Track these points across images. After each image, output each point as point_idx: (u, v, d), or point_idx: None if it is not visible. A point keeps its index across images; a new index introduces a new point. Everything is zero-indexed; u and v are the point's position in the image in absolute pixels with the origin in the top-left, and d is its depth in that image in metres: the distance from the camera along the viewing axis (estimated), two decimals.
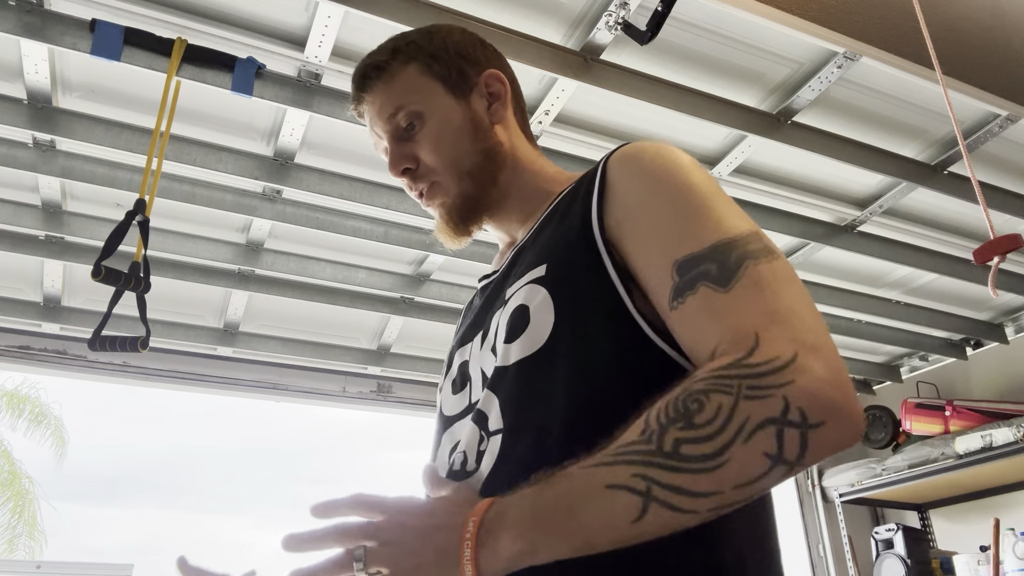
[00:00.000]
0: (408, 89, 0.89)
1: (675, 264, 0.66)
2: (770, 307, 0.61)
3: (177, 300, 2.38)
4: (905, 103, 1.90)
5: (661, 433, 0.57)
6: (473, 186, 0.88)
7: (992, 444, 2.58)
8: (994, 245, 1.43)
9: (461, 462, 0.76)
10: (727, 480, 0.55)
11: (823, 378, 0.56)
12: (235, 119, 1.79)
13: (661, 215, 0.70)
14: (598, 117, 1.86)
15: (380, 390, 2.81)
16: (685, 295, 0.65)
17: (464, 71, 0.91)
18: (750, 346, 0.59)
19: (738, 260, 0.64)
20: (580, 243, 0.74)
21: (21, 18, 1.45)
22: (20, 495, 11.30)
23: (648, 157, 0.75)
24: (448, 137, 0.88)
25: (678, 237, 0.68)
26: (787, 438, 0.55)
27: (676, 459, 0.56)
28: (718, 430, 0.55)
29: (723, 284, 0.63)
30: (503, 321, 0.77)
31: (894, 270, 2.52)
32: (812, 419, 0.55)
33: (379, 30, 1.58)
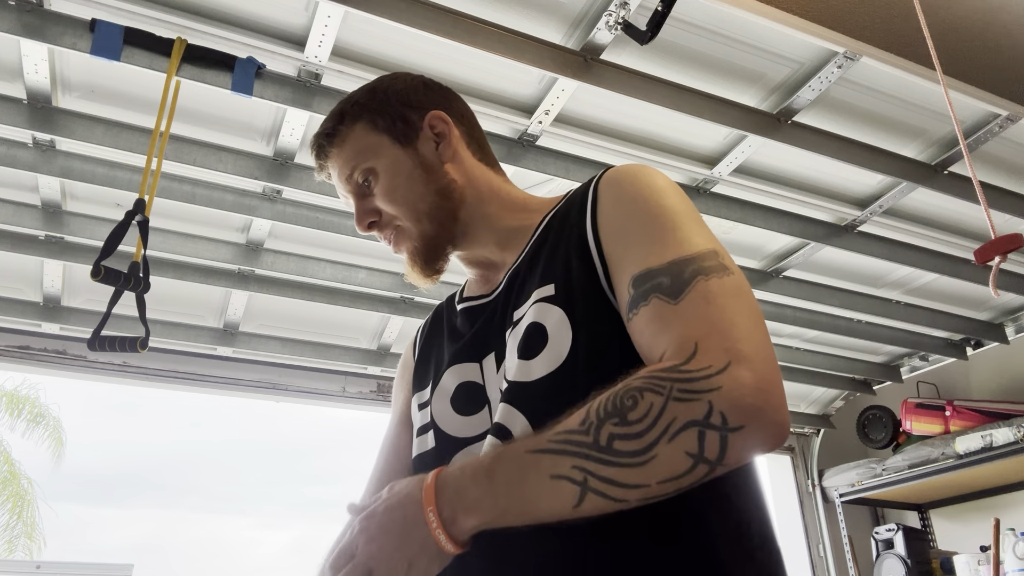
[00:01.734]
0: (357, 150, 0.94)
1: (632, 278, 0.72)
2: (713, 318, 0.66)
3: (177, 300, 2.38)
4: (905, 103, 1.90)
5: (599, 427, 0.63)
6: (432, 226, 0.92)
7: (992, 444, 2.58)
8: (995, 245, 1.43)
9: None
10: (653, 475, 0.61)
11: (748, 385, 0.62)
12: (235, 119, 1.79)
13: (632, 235, 0.76)
14: (598, 117, 1.86)
15: (380, 390, 2.81)
16: (639, 306, 0.71)
17: (408, 118, 0.95)
18: (688, 354, 0.64)
19: (691, 275, 0.69)
20: (581, 263, 0.79)
21: (21, 18, 1.44)
22: (19, 495, 11.30)
23: (628, 180, 0.81)
24: (400, 185, 0.92)
25: (643, 255, 0.73)
26: (708, 439, 0.60)
27: (609, 453, 0.61)
28: (647, 428, 0.61)
29: (673, 296, 0.69)
30: (515, 341, 0.80)
31: (894, 270, 2.52)
32: (732, 423, 0.60)
33: (379, 30, 1.58)
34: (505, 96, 1.79)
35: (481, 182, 0.95)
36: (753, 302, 0.69)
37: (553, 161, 1.92)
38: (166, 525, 41.05)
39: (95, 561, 16.50)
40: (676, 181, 2.05)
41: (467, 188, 0.94)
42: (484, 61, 1.65)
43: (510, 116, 1.81)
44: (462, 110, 1.01)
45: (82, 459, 37.97)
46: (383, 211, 0.93)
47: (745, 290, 0.70)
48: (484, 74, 1.73)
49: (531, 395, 0.76)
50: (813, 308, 2.66)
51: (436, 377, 0.92)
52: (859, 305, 2.62)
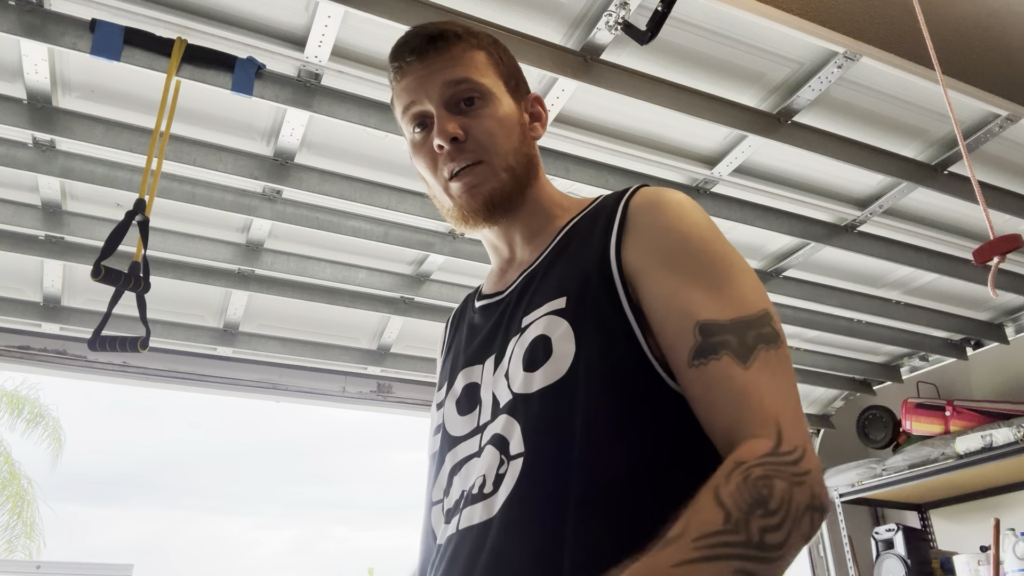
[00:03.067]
0: (478, 69, 0.90)
1: (698, 325, 0.73)
2: (782, 394, 0.70)
3: (177, 300, 2.38)
4: (905, 103, 1.90)
5: (747, 521, 0.60)
6: (511, 181, 0.89)
7: (992, 444, 2.58)
8: (994, 245, 1.43)
9: (479, 486, 0.78)
10: (787, 562, 0.62)
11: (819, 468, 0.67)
12: (235, 119, 1.79)
13: (688, 274, 0.76)
14: (598, 117, 1.86)
15: (380, 390, 2.81)
16: (708, 358, 0.71)
17: (519, 83, 0.96)
18: (775, 433, 0.67)
19: (754, 341, 0.72)
20: (600, 281, 0.79)
21: (21, 18, 1.45)
22: (19, 495, 11.30)
23: (674, 211, 0.81)
24: (506, 127, 0.90)
25: (703, 300, 0.74)
26: (815, 522, 0.64)
27: (764, 549, 0.60)
28: (784, 516, 0.61)
29: (743, 360, 0.71)
30: (521, 350, 0.81)
31: (894, 270, 2.52)
32: (823, 505, 0.65)
33: (379, 30, 1.58)
34: None
35: (539, 171, 0.96)
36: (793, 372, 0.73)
37: (553, 161, 1.92)
38: (166, 525, 41.02)
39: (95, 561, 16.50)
40: (676, 181, 2.08)
41: (536, 172, 0.94)
42: None
43: None
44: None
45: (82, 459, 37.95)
46: (473, 137, 0.87)
47: (789, 360, 0.74)
48: None
49: (529, 407, 0.77)
50: (813, 308, 2.66)
51: (452, 379, 0.92)
52: (859, 305, 2.62)
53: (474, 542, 0.75)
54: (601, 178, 1.98)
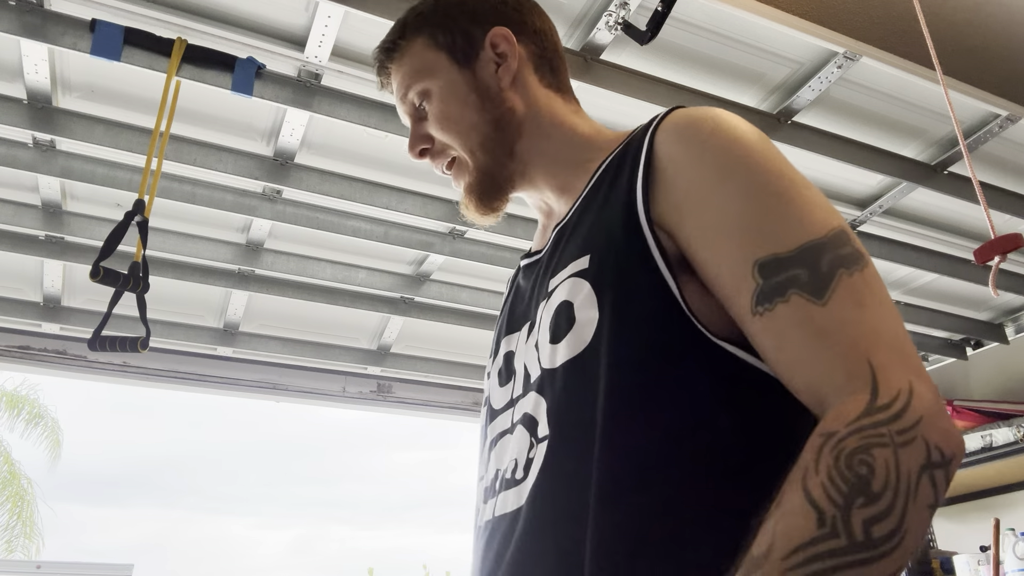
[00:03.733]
0: (414, 68, 0.86)
1: (756, 264, 0.60)
2: (873, 327, 0.57)
3: (177, 300, 2.38)
4: (905, 103, 1.90)
5: (846, 518, 0.49)
6: (487, 160, 0.83)
7: (992, 444, 2.58)
8: (994, 245, 1.43)
9: (512, 470, 0.72)
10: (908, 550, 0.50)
11: (935, 404, 0.54)
12: (235, 119, 1.79)
13: (733, 205, 0.63)
14: (598, 117, 1.83)
15: (380, 390, 2.80)
16: (775, 301, 0.59)
17: (470, 35, 0.85)
18: (870, 381, 0.54)
19: (831, 267, 0.59)
20: (625, 232, 0.68)
21: (21, 18, 1.44)
22: (19, 496, 11.31)
23: (708, 129, 0.67)
24: (453, 112, 0.84)
25: (757, 233, 0.61)
26: (938, 481, 0.52)
27: (870, 547, 0.49)
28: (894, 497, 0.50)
29: (818, 295, 0.58)
30: (548, 317, 0.72)
31: (894, 270, 2.52)
32: (947, 454, 0.53)
33: (379, 30, 1.57)
34: None
35: (544, 112, 0.85)
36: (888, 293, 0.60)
37: None
38: (166, 525, 41.03)
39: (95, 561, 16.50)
40: None
41: (527, 119, 0.84)
42: None
43: None
44: (538, 26, 0.89)
45: (82, 459, 37.97)
46: (436, 139, 0.86)
47: (882, 282, 0.61)
48: None
49: (555, 383, 0.69)
50: None
51: (497, 347, 0.86)
52: None
53: (505, 533, 0.70)
54: None
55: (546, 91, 0.87)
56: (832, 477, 0.51)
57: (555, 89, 0.89)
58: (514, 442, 0.73)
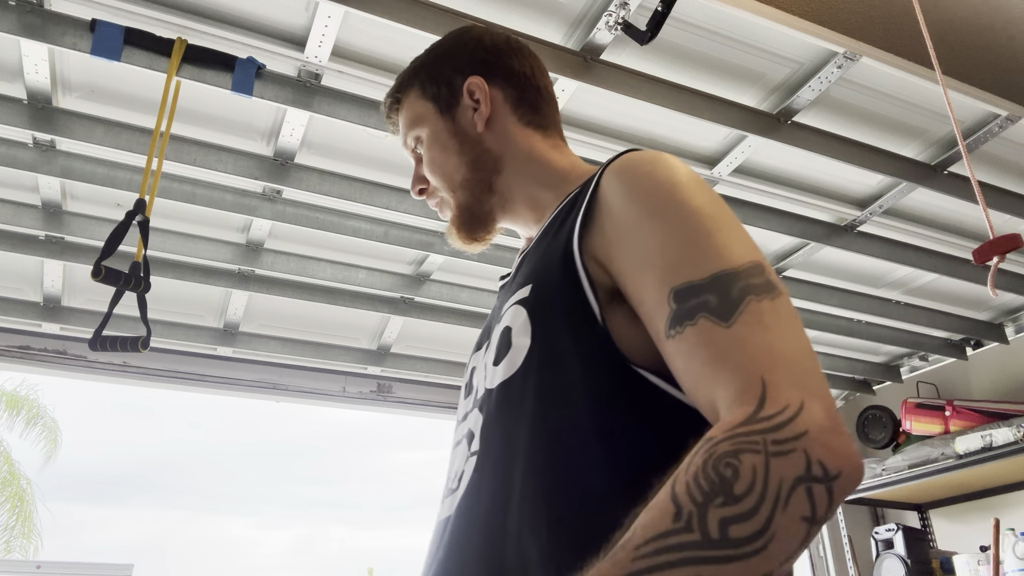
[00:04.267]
0: (410, 117, 0.96)
1: (672, 291, 0.63)
2: (771, 348, 0.58)
3: (177, 300, 2.38)
4: (905, 103, 1.90)
5: (702, 515, 0.51)
6: (468, 197, 0.92)
7: (992, 444, 2.58)
8: (994, 245, 1.43)
9: (454, 478, 0.78)
10: (775, 557, 0.50)
11: (829, 427, 0.54)
12: (235, 119, 1.79)
13: (657, 237, 0.67)
14: (598, 117, 1.86)
15: (380, 390, 2.81)
16: (684, 324, 0.61)
17: (452, 84, 0.94)
18: (759, 395, 0.56)
19: (740, 294, 0.61)
20: (561, 265, 0.72)
21: (21, 18, 1.45)
22: (18, 496, 11.31)
23: (644, 171, 0.72)
24: (438, 156, 0.93)
25: (676, 263, 0.65)
26: (816, 496, 0.52)
27: (726, 546, 0.50)
28: (759, 499, 0.51)
29: (724, 318, 0.60)
30: (495, 340, 0.79)
31: (894, 270, 2.52)
32: (831, 471, 0.53)
33: (379, 30, 1.58)
34: None
35: (522, 149, 0.91)
36: (800, 323, 0.62)
37: None
38: (166, 525, 41.02)
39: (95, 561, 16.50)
40: None
41: (505, 157, 0.91)
42: None
43: None
44: (516, 68, 0.95)
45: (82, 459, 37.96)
46: (430, 181, 0.96)
47: (794, 312, 0.62)
48: None
49: (490, 402, 0.75)
50: (813, 308, 2.66)
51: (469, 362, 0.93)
52: (859, 305, 2.62)
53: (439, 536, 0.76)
54: None
55: (525, 129, 0.94)
56: (696, 476, 0.52)
57: (535, 126, 0.95)
58: (457, 454, 0.80)
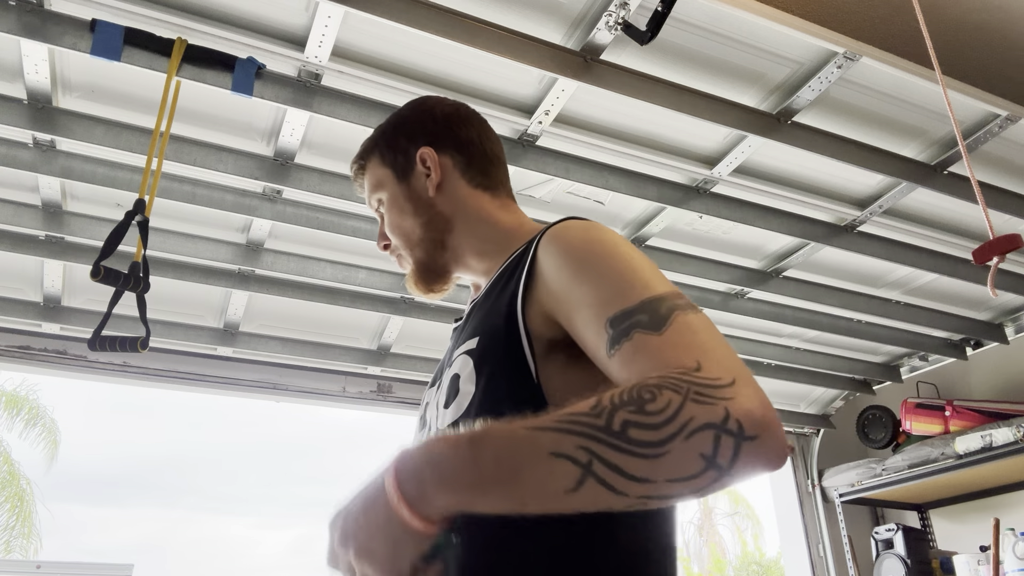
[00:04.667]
0: (372, 182, 1.06)
1: (608, 320, 0.71)
2: (703, 346, 0.66)
3: (177, 300, 2.38)
4: (905, 103, 1.90)
5: (612, 412, 0.60)
6: (422, 253, 1.02)
7: (992, 444, 2.59)
8: (994, 245, 1.43)
9: None
10: (663, 471, 0.58)
11: (756, 401, 0.61)
12: (235, 119, 1.79)
13: (591, 283, 0.76)
14: (598, 117, 1.86)
15: (380, 390, 2.81)
16: (621, 342, 0.69)
17: (408, 153, 1.03)
18: (694, 367, 0.63)
19: (668, 310, 0.70)
20: (505, 321, 0.82)
21: (21, 18, 1.45)
22: (18, 496, 11.31)
23: (573, 235, 0.82)
24: (395, 219, 1.03)
25: (609, 299, 0.73)
26: (723, 444, 0.58)
27: (621, 439, 0.59)
28: (665, 420, 0.59)
29: (656, 329, 0.68)
30: (445, 383, 0.89)
31: (894, 270, 2.52)
32: (748, 432, 0.59)
33: (379, 30, 1.58)
34: (505, 96, 1.79)
35: (471, 209, 1.01)
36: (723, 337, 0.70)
37: (553, 161, 1.92)
38: (166, 525, 41.05)
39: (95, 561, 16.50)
40: (676, 181, 2.08)
41: (456, 216, 1.01)
42: (484, 61, 1.65)
43: (510, 116, 1.81)
44: (463, 136, 1.05)
45: (82, 459, 37.97)
46: (390, 239, 1.05)
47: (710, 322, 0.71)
48: (484, 74, 1.73)
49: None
50: (813, 308, 2.66)
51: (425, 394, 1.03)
52: (859, 305, 2.62)
53: None
54: (601, 178, 1.98)
55: (474, 191, 1.03)
56: (621, 392, 0.62)
57: (484, 188, 1.04)
58: None
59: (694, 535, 18.17)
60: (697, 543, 18.21)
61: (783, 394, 3.34)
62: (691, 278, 2.42)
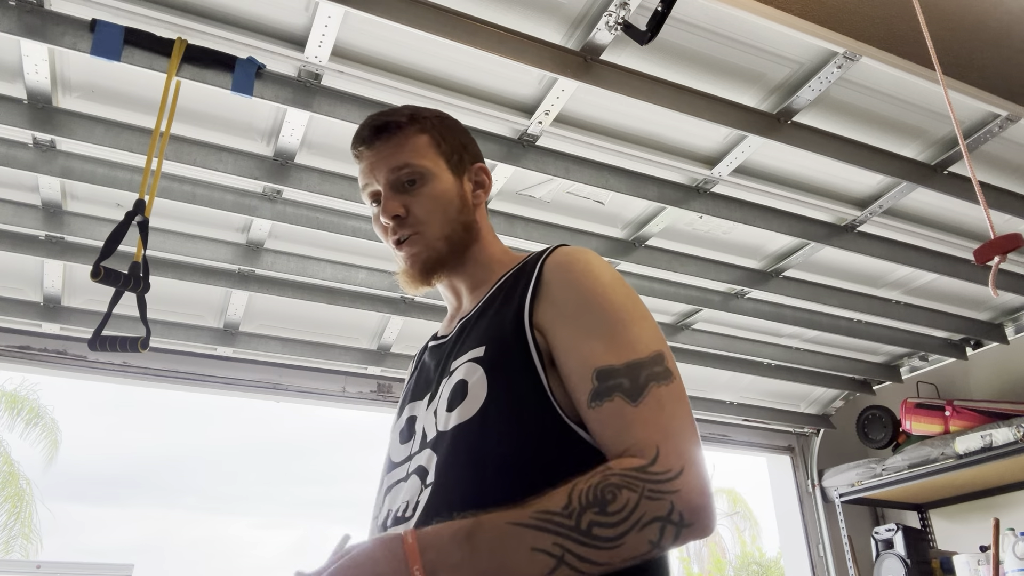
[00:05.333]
0: (418, 153, 1.04)
1: (595, 372, 0.84)
2: (665, 426, 0.81)
3: (177, 300, 2.38)
4: (905, 103, 1.90)
5: (580, 513, 0.75)
6: (446, 247, 1.04)
7: (992, 444, 2.59)
8: (994, 245, 1.43)
9: (403, 510, 0.90)
10: (619, 556, 0.74)
11: (696, 489, 0.77)
12: (235, 119, 1.79)
13: (588, 326, 0.88)
14: (598, 117, 1.86)
15: (380, 390, 2.81)
16: (603, 400, 0.83)
17: (462, 157, 1.08)
18: (652, 456, 0.78)
19: (645, 380, 0.83)
20: (513, 333, 0.90)
21: (21, 18, 1.45)
22: (17, 496, 11.30)
23: (580, 269, 0.92)
24: (441, 202, 1.03)
25: (601, 349, 0.85)
26: (667, 532, 0.75)
27: (588, 537, 0.74)
28: (622, 520, 0.74)
29: (633, 399, 0.82)
30: (447, 392, 0.94)
31: (894, 270, 2.52)
32: (687, 520, 0.76)
33: (379, 30, 1.58)
34: (505, 96, 1.79)
35: (484, 232, 1.10)
36: (687, 404, 0.84)
37: (553, 161, 1.92)
38: (165, 525, 41.02)
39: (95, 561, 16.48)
40: (676, 181, 2.08)
41: (480, 232, 1.08)
42: (484, 61, 1.65)
43: (510, 116, 1.81)
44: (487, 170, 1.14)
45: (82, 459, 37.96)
46: (412, 213, 1.02)
47: (683, 393, 0.85)
48: (484, 74, 1.73)
49: (445, 442, 0.90)
50: (813, 308, 2.66)
51: (400, 410, 1.06)
52: (859, 305, 2.62)
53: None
54: (601, 178, 1.98)
55: (485, 219, 1.12)
56: (589, 489, 0.76)
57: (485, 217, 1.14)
58: (407, 488, 0.93)
59: None
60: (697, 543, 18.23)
61: (783, 394, 3.34)
62: (691, 278, 2.42)
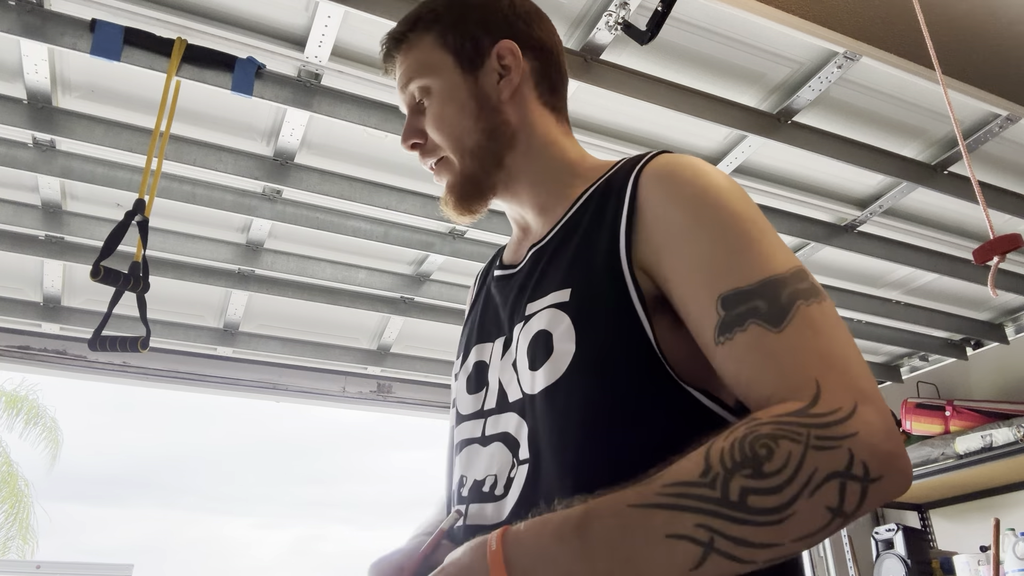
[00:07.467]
0: (420, 63, 0.88)
1: (720, 298, 0.65)
2: (825, 352, 0.60)
3: (177, 300, 2.38)
4: (905, 103, 1.90)
5: (727, 479, 0.55)
6: (475, 166, 0.85)
7: (992, 444, 2.58)
8: (994, 245, 1.43)
9: (491, 485, 0.76)
10: (789, 533, 0.54)
11: (880, 429, 0.56)
12: (235, 119, 1.79)
13: (705, 246, 0.68)
14: (598, 117, 1.86)
15: (380, 390, 2.81)
16: (734, 331, 0.63)
17: (479, 43, 0.87)
18: (812, 394, 0.58)
19: (789, 299, 0.63)
20: (606, 271, 0.72)
21: (21, 18, 1.44)
22: (16, 496, 11.30)
23: (686, 179, 0.72)
24: (450, 114, 0.86)
25: (724, 271, 0.66)
26: (849, 492, 0.55)
27: (742, 510, 0.54)
28: (786, 481, 0.54)
29: (775, 324, 0.62)
30: (525, 343, 0.77)
31: (894, 270, 2.52)
32: (873, 473, 0.55)
33: (379, 30, 1.57)
34: None
35: (537, 130, 0.87)
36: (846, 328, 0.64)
37: None
38: (165, 525, 41.01)
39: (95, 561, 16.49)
40: None
41: (520, 133, 0.86)
42: None
43: None
44: (545, 42, 0.90)
45: (82, 459, 37.95)
46: (430, 136, 0.87)
47: (837, 314, 0.65)
48: None
49: (534, 409, 0.74)
50: None
51: (466, 352, 0.89)
52: (859, 305, 2.62)
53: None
54: None
55: (542, 109, 0.89)
56: (732, 447, 0.56)
57: (551, 108, 0.90)
58: (489, 456, 0.77)
59: None
60: None
61: None
62: None
